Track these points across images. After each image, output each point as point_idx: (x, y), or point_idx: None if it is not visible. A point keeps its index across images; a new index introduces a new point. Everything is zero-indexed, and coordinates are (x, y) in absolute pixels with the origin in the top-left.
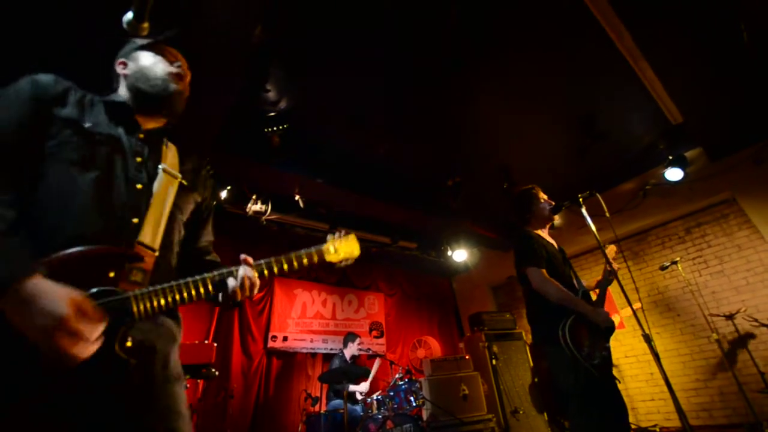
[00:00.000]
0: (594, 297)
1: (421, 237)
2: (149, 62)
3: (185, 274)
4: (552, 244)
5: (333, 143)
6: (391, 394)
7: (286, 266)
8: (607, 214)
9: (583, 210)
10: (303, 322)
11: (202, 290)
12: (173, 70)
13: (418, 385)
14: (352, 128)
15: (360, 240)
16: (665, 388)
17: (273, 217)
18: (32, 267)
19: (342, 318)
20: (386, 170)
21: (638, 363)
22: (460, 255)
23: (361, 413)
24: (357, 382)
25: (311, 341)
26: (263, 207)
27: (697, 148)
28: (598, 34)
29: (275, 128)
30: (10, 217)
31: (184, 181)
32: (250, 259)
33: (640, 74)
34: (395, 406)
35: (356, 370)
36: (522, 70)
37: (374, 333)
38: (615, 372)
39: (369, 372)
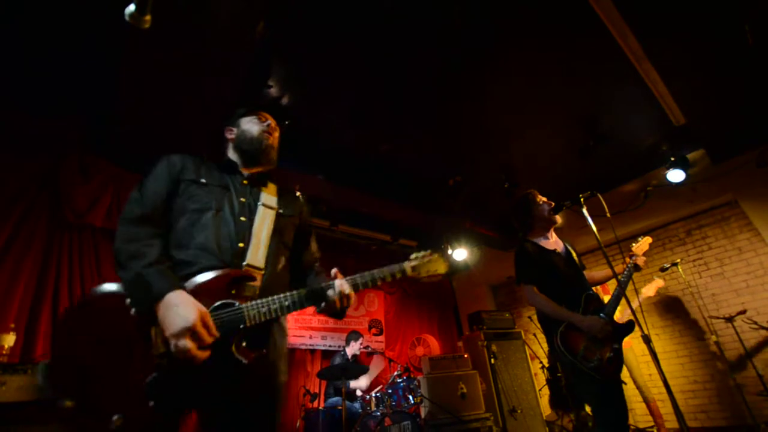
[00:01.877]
0: (605, 295)
1: (421, 235)
2: (247, 126)
3: (297, 286)
4: (553, 250)
5: (335, 140)
6: (390, 391)
7: (369, 282)
8: (608, 215)
9: (584, 210)
10: (302, 319)
11: (302, 301)
12: (263, 128)
13: (416, 382)
14: (354, 125)
15: (360, 237)
16: (663, 389)
17: None
18: (178, 283)
19: None
20: (388, 168)
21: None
22: (460, 254)
23: (360, 410)
24: (356, 379)
25: (310, 338)
26: None
27: (700, 150)
28: (602, 35)
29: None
30: (158, 252)
31: (281, 210)
32: (340, 274)
33: (643, 75)
34: (393, 403)
35: (356, 367)
36: (525, 69)
37: (373, 330)
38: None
39: (368, 369)
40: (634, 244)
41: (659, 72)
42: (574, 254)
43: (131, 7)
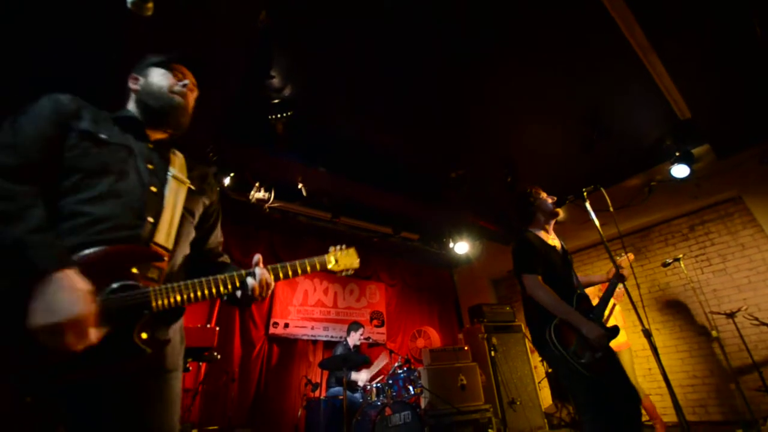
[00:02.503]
0: (594, 298)
1: (423, 228)
2: (157, 78)
3: (199, 274)
4: (553, 245)
5: (337, 132)
6: (390, 382)
7: (291, 272)
8: (611, 209)
9: (587, 204)
10: (304, 310)
11: (220, 288)
12: (178, 87)
13: (417, 374)
14: (356, 117)
15: (362, 230)
16: (663, 384)
17: (276, 204)
18: (70, 260)
19: (343, 306)
20: (390, 160)
21: (637, 358)
22: (461, 247)
23: (361, 400)
24: (358, 370)
25: (312, 329)
26: (266, 195)
27: (705, 145)
28: (607, 27)
29: (279, 115)
30: (43, 215)
31: (192, 186)
32: (262, 261)
33: (649, 68)
34: (394, 393)
35: (357, 357)
36: (529, 62)
37: (375, 322)
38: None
39: (368, 360)
40: (618, 258)
41: (665, 65)
42: (567, 253)
43: None
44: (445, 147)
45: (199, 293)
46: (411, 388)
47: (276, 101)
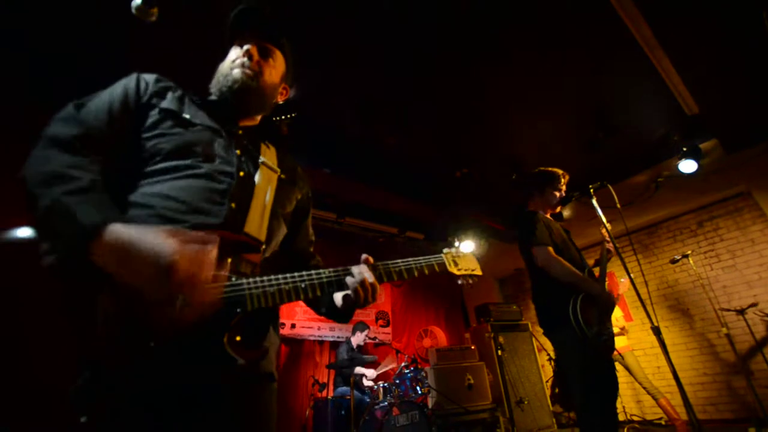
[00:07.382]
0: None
1: (428, 228)
2: (227, 57)
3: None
4: (556, 223)
5: (341, 133)
6: (397, 381)
7: (404, 273)
8: (618, 206)
9: (594, 201)
10: (310, 310)
11: (323, 282)
12: (237, 61)
13: (423, 373)
14: (360, 118)
15: (367, 230)
16: (672, 382)
17: None
18: (119, 215)
19: None
20: (394, 160)
21: (645, 356)
22: (467, 246)
23: (368, 400)
24: (366, 368)
25: (319, 329)
26: None
27: (713, 140)
28: (613, 23)
29: (283, 117)
30: (96, 178)
31: (283, 176)
32: (371, 259)
33: (656, 64)
34: (401, 393)
35: (363, 357)
36: (533, 59)
37: (380, 322)
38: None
39: (374, 359)
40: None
41: (672, 60)
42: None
43: (137, 0)
44: (450, 145)
45: (301, 287)
46: (418, 387)
47: (280, 102)
